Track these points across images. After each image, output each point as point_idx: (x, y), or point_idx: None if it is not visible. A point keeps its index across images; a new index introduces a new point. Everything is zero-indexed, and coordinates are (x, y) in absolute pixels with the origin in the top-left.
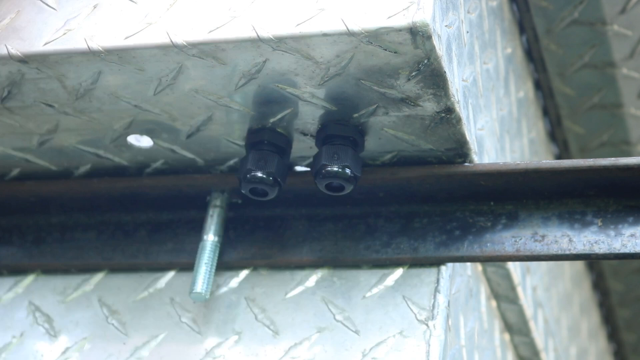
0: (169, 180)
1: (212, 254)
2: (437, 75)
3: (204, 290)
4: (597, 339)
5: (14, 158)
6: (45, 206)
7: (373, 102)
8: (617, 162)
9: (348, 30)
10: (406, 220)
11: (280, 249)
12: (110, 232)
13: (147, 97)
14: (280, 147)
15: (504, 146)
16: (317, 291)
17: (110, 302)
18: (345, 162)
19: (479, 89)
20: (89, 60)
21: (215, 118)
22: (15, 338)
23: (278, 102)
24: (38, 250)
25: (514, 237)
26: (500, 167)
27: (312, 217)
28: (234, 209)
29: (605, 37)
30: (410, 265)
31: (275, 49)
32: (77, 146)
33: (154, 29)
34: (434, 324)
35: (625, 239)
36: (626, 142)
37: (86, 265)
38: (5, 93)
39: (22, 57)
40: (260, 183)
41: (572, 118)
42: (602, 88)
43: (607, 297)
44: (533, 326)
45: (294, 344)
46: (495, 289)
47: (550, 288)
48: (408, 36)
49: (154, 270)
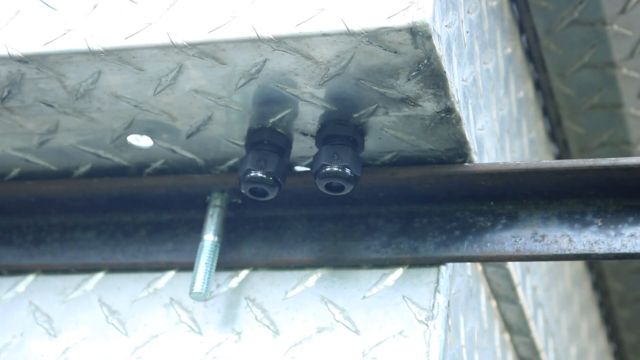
0: (169, 180)
1: (212, 254)
2: (437, 75)
3: (203, 290)
4: (597, 339)
5: (14, 158)
6: (45, 206)
7: (373, 102)
8: (617, 162)
9: (348, 30)
10: (406, 220)
11: (280, 249)
12: (110, 232)
13: (147, 97)
14: (280, 147)
15: (504, 146)
16: (317, 291)
17: (110, 302)
18: (345, 162)
19: (479, 89)
20: (89, 60)
21: (215, 118)
22: (15, 338)
23: (278, 102)
24: (38, 250)
25: (514, 237)
26: (500, 167)
27: (312, 217)
28: (234, 209)
29: (605, 37)
30: (410, 265)
31: (275, 49)
32: (77, 146)
33: (154, 29)
34: (434, 324)
35: (625, 239)
36: (626, 142)
37: (86, 265)
38: (5, 93)
39: (22, 57)
40: (260, 183)
41: (572, 118)
42: (602, 88)
43: (607, 297)
44: (533, 326)
45: (294, 344)
46: (495, 289)
47: (550, 288)
48: (408, 36)
49: (154, 270)
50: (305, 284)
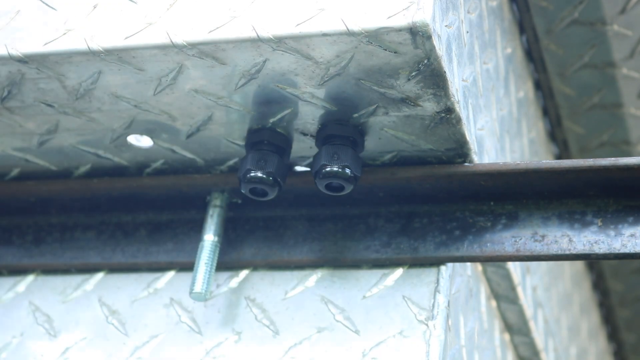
0: (169, 180)
1: (212, 254)
2: (437, 75)
3: (203, 290)
4: (597, 339)
5: (14, 158)
6: (45, 206)
7: (373, 102)
8: (617, 162)
9: (348, 30)
10: (406, 220)
11: (280, 249)
12: (110, 232)
13: (147, 97)
14: (280, 147)
15: (504, 146)
16: (317, 291)
17: (110, 302)
18: (345, 162)
19: (479, 89)
20: (89, 60)
21: (215, 118)
22: (15, 338)
23: (278, 102)
24: (38, 250)
25: (514, 237)
26: (500, 167)
27: (312, 217)
28: (234, 209)
29: (605, 37)
30: (410, 265)
31: (275, 49)
32: (77, 146)
33: (154, 29)
34: (434, 324)
35: (625, 239)
36: (626, 142)
37: (86, 265)
38: (5, 93)
39: (22, 57)
40: (260, 183)
41: (572, 118)
42: (602, 88)
43: (607, 297)
44: (533, 326)
45: (294, 344)
46: (495, 289)
47: (550, 288)
48: (408, 36)
49: (154, 270)
50: (305, 284)
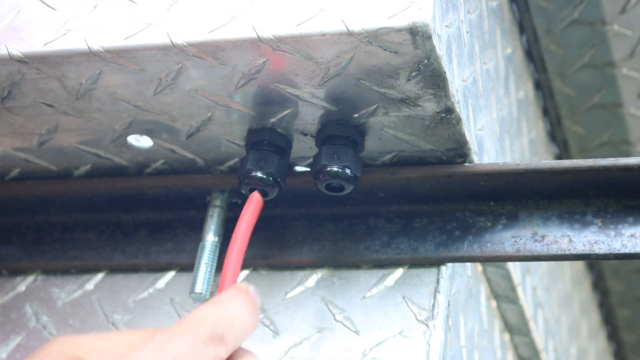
0: (169, 180)
1: (212, 254)
2: (437, 75)
3: (204, 290)
4: (597, 339)
5: (14, 158)
6: (45, 206)
7: (373, 102)
8: (617, 162)
9: (348, 31)
10: (406, 220)
11: (280, 249)
12: (110, 232)
13: (147, 97)
14: (280, 147)
15: (504, 146)
16: (317, 291)
17: (110, 302)
18: (345, 162)
19: (479, 89)
20: (89, 60)
21: (215, 118)
22: (15, 338)
23: (278, 102)
24: (38, 250)
25: (514, 237)
26: (500, 167)
27: (312, 217)
28: (234, 209)
29: (605, 37)
30: (410, 266)
31: (275, 49)
32: (77, 146)
33: (154, 29)
34: (434, 324)
35: (625, 239)
36: (626, 142)
37: (86, 265)
38: (5, 93)
39: (22, 57)
40: (260, 183)
41: (572, 118)
42: (602, 88)
43: (607, 297)
44: (533, 326)
45: (294, 344)
46: (495, 289)
47: (550, 288)
48: (408, 36)
49: (154, 270)
50: (305, 284)
